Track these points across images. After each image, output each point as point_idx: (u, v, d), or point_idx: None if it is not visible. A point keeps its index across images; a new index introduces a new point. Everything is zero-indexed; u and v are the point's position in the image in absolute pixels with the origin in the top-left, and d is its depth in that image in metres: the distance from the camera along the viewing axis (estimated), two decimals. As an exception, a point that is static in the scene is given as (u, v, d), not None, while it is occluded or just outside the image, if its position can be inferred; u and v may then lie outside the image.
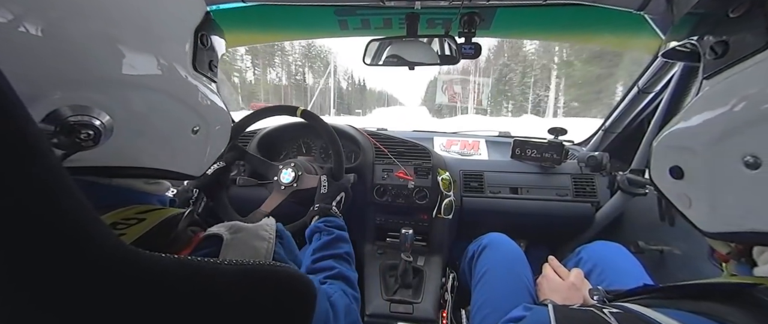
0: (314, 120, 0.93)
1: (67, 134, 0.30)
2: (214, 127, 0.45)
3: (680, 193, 0.42)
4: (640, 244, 1.04)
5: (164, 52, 0.36)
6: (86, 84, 0.30)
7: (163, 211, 0.37)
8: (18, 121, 0.18)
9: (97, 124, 0.31)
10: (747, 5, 0.35)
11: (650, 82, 1.05)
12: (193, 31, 0.40)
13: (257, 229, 0.38)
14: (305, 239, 0.77)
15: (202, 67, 0.41)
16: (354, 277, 0.64)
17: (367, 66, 1.13)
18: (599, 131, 1.36)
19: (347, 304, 0.54)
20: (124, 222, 0.33)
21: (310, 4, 1.00)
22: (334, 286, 0.57)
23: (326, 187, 0.85)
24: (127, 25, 0.32)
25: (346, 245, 0.71)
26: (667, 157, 0.43)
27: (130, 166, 0.36)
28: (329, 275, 0.61)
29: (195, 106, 0.41)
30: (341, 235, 0.73)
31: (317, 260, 0.65)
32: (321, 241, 0.70)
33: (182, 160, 0.43)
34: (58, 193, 0.20)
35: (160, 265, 0.25)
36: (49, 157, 0.19)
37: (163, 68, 0.36)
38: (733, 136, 0.34)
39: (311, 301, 0.36)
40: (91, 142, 0.31)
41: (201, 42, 0.41)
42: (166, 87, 0.36)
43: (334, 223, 0.76)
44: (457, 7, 0.91)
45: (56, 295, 0.20)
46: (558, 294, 0.71)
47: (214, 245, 0.35)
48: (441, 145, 1.56)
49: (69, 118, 0.30)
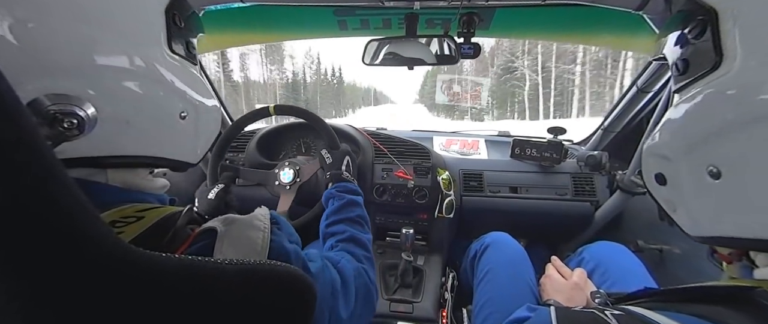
0: (288, 109, 0.94)
1: (50, 124, 0.30)
2: (202, 111, 0.45)
3: (666, 199, 0.44)
4: (640, 243, 1.04)
5: (136, 36, 0.36)
6: (62, 73, 0.31)
7: (161, 209, 0.37)
8: (14, 116, 0.18)
9: (79, 113, 0.31)
10: (699, 27, 0.37)
11: (649, 82, 1.05)
12: (163, 11, 0.39)
13: (251, 219, 0.38)
14: (310, 233, 0.78)
15: (178, 48, 0.41)
16: (366, 239, 0.65)
17: (366, 65, 1.13)
18: (598, 130, 1.37)
19: (356, 267, 0.54)
20: (123, 220, 0.33)
21: (310, 5, 1.00)
22: (342, 252, 0.58)
23: (330, 157, 0.87)
24: (94, 10, 0.32)
25: (357, 208, 0.73)
26: (652, 164, 0.45)
27: (121, 154, 0.36)
28: (341, 239, 0.62)
29: (177, 91, 0.41)
30: (352, 199, 0.74)
31: (330, 224, 0.67)
32: (333, 206, 0.72)
33: (174, 147, 0.42)
34: (56, 191, 0.19)
35: (159, 264, 0.25)
36: (46, 154, 0.19)
37: (137, 53, 0.35)
38: (698, 148, 0.36)
39: (311, 301, 0.36)
40: (76, 131, 0.31)
41: (174, 22, 0.40)
42: (143, 72, 0.36)
43: (346, 187, 0.78)
44: (456, 7, 0.91)
45: (54, 293, 0.20)
46: (561, 294, 0.72)
47: (209, 238, 0.35)
48: (440, 144, 1.56)
49: (49, 107, 0.30)
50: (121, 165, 0.38)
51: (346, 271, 0.50)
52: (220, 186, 0.83)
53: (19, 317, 0.20)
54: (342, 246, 0.61)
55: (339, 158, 0.87)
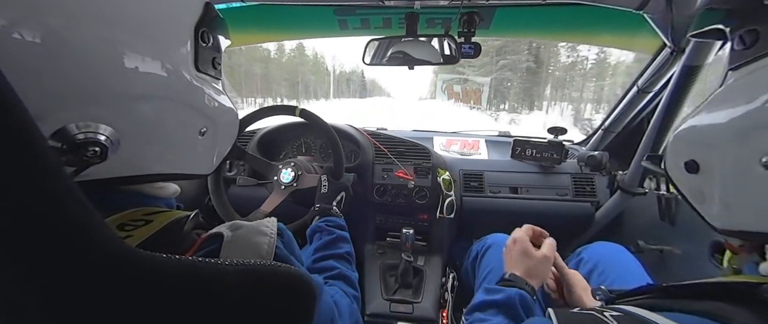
0: (313, 119, 0.92)
1: (75, 152, 0.29)
2: (221, 126, 0.44)
3: (693, 188, 0.40)
4: (640, 244, 1.04)
5: (166, 57, 0.34)
6: (90, 100, 0.30)
7: (169, 214, 0.37)
8: (18, 121, 0.18)
9: (103, 140, 0.30)
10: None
11: (650, 82, 1.05)
12: (193, 29, 0.38)
13: (258, 226, 0.38)
14: (306, 239, 0.77)
15: (205, 66, 0.39)
16: (354, 277, 0.65)
17: (366, 65, 1.13)
18: (599, 130, 1.36)
19: (349, 304, 0.54)
20: (132, 223, 0.33)
21: (310, 4, 1.00)
22: (335, 287, 0.58)
23: (327, 187, 0.85)
24: (126, 34, 0.31)
25: (346, 245, 0.71)
26: (684, 150, 0.40)
27: (139, 174, 0.36)
28: (330, 275, 0.61)
29: (201, 108, 0.40)
30: (342, 235, 0.73)
31: (318, 260, 0.65)
32: (322, 240, 0.70)
33: (191, 162, 0.42)
34: (61, 194, 0.20)
35: (162, 265, 0.25)
36: (50, 158, 0.19)
37: (166, 74, 0.34)
38: (755, 134, 0.31)
39: (312, 301, 0.35)
40: (97, 159, 0.30)
41: (202, 39, 0.38)
42: (171, 93, 0.35)
43: (335, 222, 0.76)
44: (457, 6, 0.91)
45: (60, 296, 0.20)
46: (521, 265, 0.65)
47: (215, 243, 0.35)
48: (441, 144, 1.56)
49: (76, 135, 0.29)
50: (137, 183, 0.38)
51: (342, 306, 0.50)
52: None
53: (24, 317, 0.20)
54: (332, 283, 0.60)
55: (334, 192, 0.85)
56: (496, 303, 0.57)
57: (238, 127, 0.51)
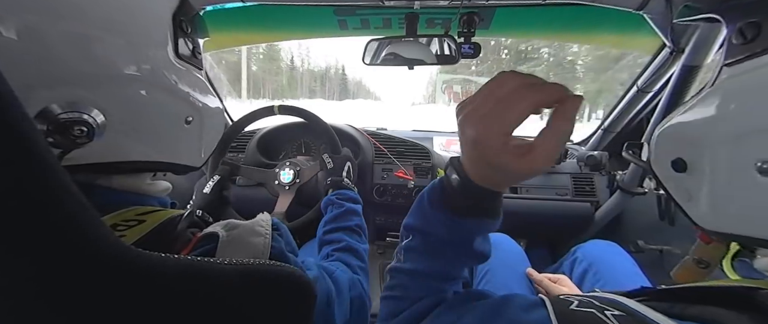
0: (291, 110, 0.94)
1: (61, 132, 0.30)
2: (206, 115, 0.45)
3: (680, 187, 0.38)
4: (640, 244, 1.04)
5: (144, 43, 0.36)
6: (71, 81, 0.31)
7: (162, 213, 0.37)
8: (14, 118, 0.18)
9: (89, 120, 0.31)
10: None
11: (649, 82, 1.05)
12: (171, 17, 0.39)
13: (253, 225, 0.38)
14: (308, 234, 0.78)
15: (185, 54, 0.41)
16: (363, 249, 0.65)
17: (366, 65, 1.13)
18: (598, 130, 1.36)
19: (351, 277, 0.54)
20: (124, 223, 0.33)
21: (310, 4, 1.00)
22: (337, 262, 0.58)
23: (331, 162, 0.86)
24: (102, 19, 0.32)
25: (356, 217, 0.72)
26: (671, 148, 0.38)
27: (127, 160, 0.36)
28: (337, 248, 0.62)
29: (184, 96, 0.41)
30: (352, 207, 0.74)
31: (327, 232, 0.67)
32: (332, 213, 0.71)
33: (179, 152, 0.43)
34: (58, 193, 0.20)
35: (159, 265, 0.25)
36: (47, 156, 0.19)
37: (146, 60, 0.35)
38: (753, 138, 0.29)
39: (310, 301, 0.36)
40: (85, 138, 0.31)
41: (181, 27, 0.40)
42: (152, 79, 0.36)
43: (346, 195, 0.77)
44: (457, 7, 0.91)
45: (54, 292, 0.20)
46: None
47: (211, 243, 0.35)
48: (441, 144, 1.56)
49: (59, 115, 0.30)
50: (126, 170, 0.38)
51: (342, 281, 0.50)
52: (216, 178, 0.83)
53: (19, 316, 0.20)
54: (338, 255, 0.60)
55: (340, 164, 0.86)
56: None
57: (224, 121, 0.52)
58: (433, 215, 0.38)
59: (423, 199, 0.39)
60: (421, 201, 0.40)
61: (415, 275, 0.39)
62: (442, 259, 0.39)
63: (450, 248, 0.38)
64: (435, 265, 0.39)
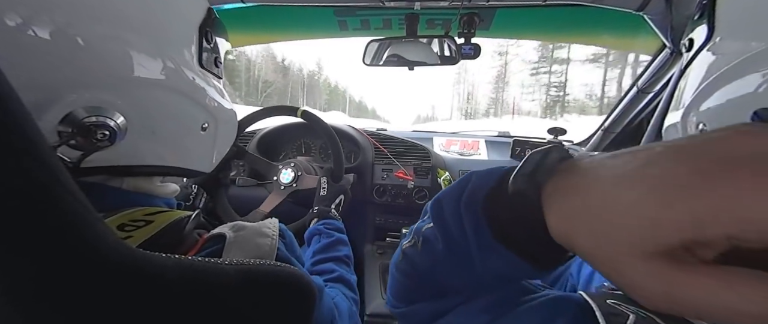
0: (314, 120, 0.93)
1: (84, 135, 0.31)
2: (221, 124, 0.46)
3: None
4: None
5: (172, 51, 0.36)
6: (98, 85, 0.31)
7: (170, 214, 0.37)
8: (17, 119, 0.18)
9: (112, 124, 0.32)
10: (699, 10, 0.41)
11: (650, 82, 1.05)
12: (198, 28, 0.40)
13: (260, 227, 0.38)
14: (304, 240, 0.76)
15: (208, 64, 0.42)
16: (353, 280, 0.65)
17: (367, 66, 1.13)
18: (598, 131, 1.36)
19: (349, 307, 0.55)
20: (132, 224, 0.33)
21: (310, 5, 1.00)
22: (335, 289, 0.58)
23: (326, 189, 0.85)
24: (134, 24, 0.33)
25: (345, 248, 0.71)
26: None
27: (143, 164, 0.37)
28: (329, 278, 0.61)
29: (204, 104, 0.41)
30: (341, 237, 0.73)
31: (317, 263, 0.65)
32: (320, 243, 0.70)
33: (193, 157, 0.43)
34: (59, 193, 0.20)
35: (161, 265, 0.25)
36: (48, 156, 0.20)
37: (171, 67, 0.36)
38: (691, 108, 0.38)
39: (312, 301, 0.36)
40: (107, 142, 0.32)
41: (205, 39, 0.41)
42: (176, 85, 0.37)
43: (334, 225, 0.76)
44: (457, 7, 0.91)
45: (55, 292, 0.20)
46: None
47: (218, 244, 0.35)
48: (440, 145, 1.56)
49: (84, 119, 0.31)
50: (139, 174, 0.39)
51: (342, 308, 0.50)
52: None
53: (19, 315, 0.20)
54: (331, 286, 0.60)
55: (333, 195, 0.85)
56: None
57: (236, 129, 0.52)
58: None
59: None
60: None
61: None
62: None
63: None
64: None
